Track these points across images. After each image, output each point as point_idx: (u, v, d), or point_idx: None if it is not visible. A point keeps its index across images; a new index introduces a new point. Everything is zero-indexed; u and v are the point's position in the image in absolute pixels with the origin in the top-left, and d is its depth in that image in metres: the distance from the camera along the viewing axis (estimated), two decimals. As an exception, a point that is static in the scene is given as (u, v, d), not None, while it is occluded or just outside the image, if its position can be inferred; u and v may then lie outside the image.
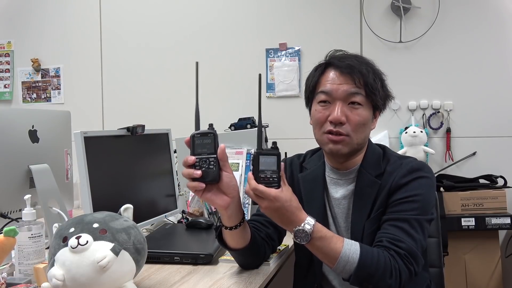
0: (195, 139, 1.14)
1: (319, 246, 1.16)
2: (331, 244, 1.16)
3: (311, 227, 1.14)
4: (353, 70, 1.27)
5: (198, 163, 1.13)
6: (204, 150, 1.14)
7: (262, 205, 1.14)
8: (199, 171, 1.13)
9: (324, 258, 1.18)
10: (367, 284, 1.15)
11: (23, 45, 3.23)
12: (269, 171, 1.12)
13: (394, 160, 1.34)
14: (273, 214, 1.15)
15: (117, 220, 1.10)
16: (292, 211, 1.14)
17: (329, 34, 2.75)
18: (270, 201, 1.12)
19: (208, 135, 1.15)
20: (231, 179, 1.17)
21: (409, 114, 2.68)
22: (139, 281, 1.26)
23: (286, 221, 1.15)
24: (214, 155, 1.14)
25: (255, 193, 1.13)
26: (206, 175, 1.13)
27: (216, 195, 1.16)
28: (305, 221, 1.14)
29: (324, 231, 1.17)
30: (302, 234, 1.14)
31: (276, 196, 1.11)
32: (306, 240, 1.14)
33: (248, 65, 2.85)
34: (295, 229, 1.14)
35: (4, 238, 1.09)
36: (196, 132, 1.15)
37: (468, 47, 2.62)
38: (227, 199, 1.17)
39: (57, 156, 1.69)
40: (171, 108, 2.96)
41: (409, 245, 1.18)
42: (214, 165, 1.14)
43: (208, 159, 1.13)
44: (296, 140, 2.71)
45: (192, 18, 2.96)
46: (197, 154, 1.14)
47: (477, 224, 2.33)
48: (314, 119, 1.33)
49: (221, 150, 1.15)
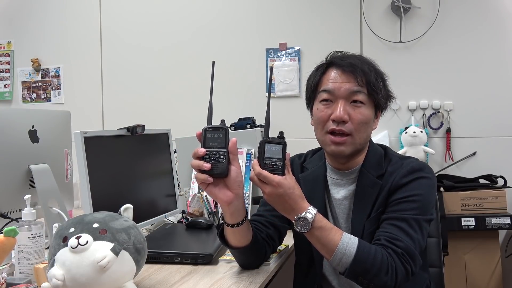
0: (206, 133, 1.16)
1: (318, 236, 1.16)
2: (330, 235, 1.16)
3: (313, 216, 1.15)
4: (355, 69, 1.27)
5: (208, 156, 1.15)
6: (215, 144, 1.15)
7: (266, 190, 1.14)
8: (208, 164, 1.14)
9: (322, 249, 1.19)
10: (362, 279, 1.15)
11: (23, 45, 3.23)
12: (274, 158, 1.14)
13: (395, 161, 1.34)
14: (276, 201, 1.16)
15: (117, 220, 1.10)
16: (294, 198, 1.15)
17: (329, 34, 2.75)
18: (273, 187, 1.13)
19: (220, 130, 1.16)
20: (237, 175, 1.18)
21: (409, 114, 2.68)
22: (139, 281, 1.26)
23: (288, 208, 1.16)
24: (225, 149, 1.15)
25: (259, 178, 1.14)
26: (215, 168, 1.14)
27: (221, 190, 1.17)
28: (307, 209, 1.15)
29: (324, 222, 1.18)
30: (303, 223, 1.15)
31: (280, 182, 1.12)
32: (306, 229, 1.15)
33: (248, 65, 2.85)
34: (296, 217, 1.15)
35: (4, 238, 1.09)
36: (208, 126, 1.17)
37: (468, 47, 2.62)
38: (231, 194, 1.17)
39: (57, 156, 1.69)
40: (171, 108, 2.97)
41: (407, 244, 1.18)
42: (224, 158, 1.15)
43: (218, 152, 1.15)
44: (296, 140, 2.70)
45: (192, 18, 2.96)
46: (208, 147, 1.15)
47: (477, 224, 2.33)
48: (316, 118, 1.32)
49: (232, 144, 1.16)
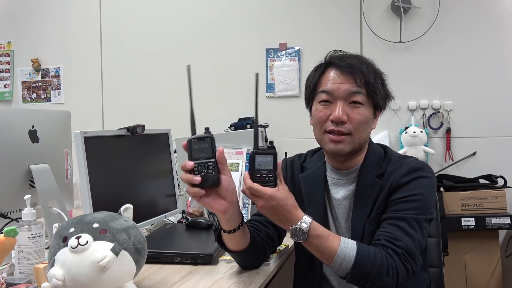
0: (192, 144, 1.12)
1: (316, 244, 1.16)
2: (328, 242, 1.16)
3: (308, 225, 1.14)
4: (354, 69, 1.27)
5: (197, 168, 1.12)
6: (202, 154, 1.12)
7: (258, 204, 1.14)
8: (198, 177, 1.11)
9: (321, 256, 1.19)
10: (364, 282, 1.15)
11: (23, 45, 3.23)
12: (265, 170, 1.13)
13: (395, 160, 1.34)
14: (270, 213, 1.16)
15: (117, 220, 1.10)
16: (288, 209, 1.14)
17: (329, 34, 2.75)
18: (265, 200, 1.12)
19: (205, 139, 1.13)
20: (229, 183, 1.16)
21: (409, 114, 2.68)
22: (139, 281, 1.26)
23: (282, 219, 1.16)
24: (213, 159, 1.12)
25: (251, 192, 1.13)
26: (206, 180, 1.12)
27: (214, 199, 1.15)
28: (302, 219, 1.15)
29: (321, 230, 1.17)
30: (299, 233, 1.14)
31: (272, 195, 1.12)
32: (303, 239, 1.15)
33: (248, 65, 2.85)
34: (292, 228, 1.15)
35: (4, 238, 1.09)
36: (192, 136, 1.13)
37: (468, 47, 2.62)
38: (225, 203, 1.16)
39: (57, 156, 1.69)
40: (171, 108, 2.96)
41: (407, 244, 1.18)
42: (213, 169, 1.13)
43: (207, 163, 1.12)
44: (296, 140, 2.71)
45: (192, 18, 2.96)
46: (195, 159, 1.12)
47: (477, 224, 2.33)
48: (315, 118, 1.32)
49: (219, 153, 1.14)
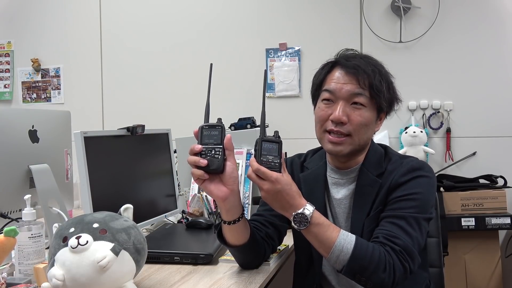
0: (203, 130, 1.19)
1: (315, 233, 1.17)
2: (327, 232, 1.16)
3: (311, 212, 1.15)
4: (359, 71, 1.27)
5: (204, 152, 1.17)
6: (211, 140, 1.18)
7: (264, 187, 1.14)
8: (204, 160, 1.16)
9: (319, 246, 1.19)
10: (360, 276, 1.15)
11: (23, 45, 3.23)
12: (271, 156, 1.16)
13: (395, 159, 1.34)
14: (274, 197, 1.16)
15: (117, 220, 1.10)
16: (292, 195, 1.15)
17: (329, 34, 2.75)
18: (271, 182, 1.13)
19: (216, 127, 1.19)
20: (233, 170, 1.18)
21: (409, 114, 2.68)
22: (139, 281, 1.26)
23: (285, 205, 1.16)
24: (220, 146, 1.17)
25: (257, 174, 1.14)
26: (211, 163, 1.16)
27: (216, 185, 1.18)
28: (305, 206, 1.16)
29: (322, 219, 1.18)
30: (301, 219, 1.15)
31: (278, 178, 1.13)
32: (304, 225, 1.15)
33: (248, 65, 2.85)
34: (294, 213, 1.16)
35: (4, 238, 1.09)
36: (205, 124, 1.20)
37: (468, 47, 2.62)
38: (226, 190, 1.17)
39: (57, 156, 1.69)
40: (171, 108, 2.97)
41: (405, 242, 1.18)
42: (220, 154, 1.17)
43: (214, 149, 1.17)
44: (296, 140, 2.71)
45: (192, 18, 2.96)
46: (204, 144, 1.18)
47: (477, 224, 2.33)
48: (316, 117, 1.33)
49: (227, 140, 1.18)
